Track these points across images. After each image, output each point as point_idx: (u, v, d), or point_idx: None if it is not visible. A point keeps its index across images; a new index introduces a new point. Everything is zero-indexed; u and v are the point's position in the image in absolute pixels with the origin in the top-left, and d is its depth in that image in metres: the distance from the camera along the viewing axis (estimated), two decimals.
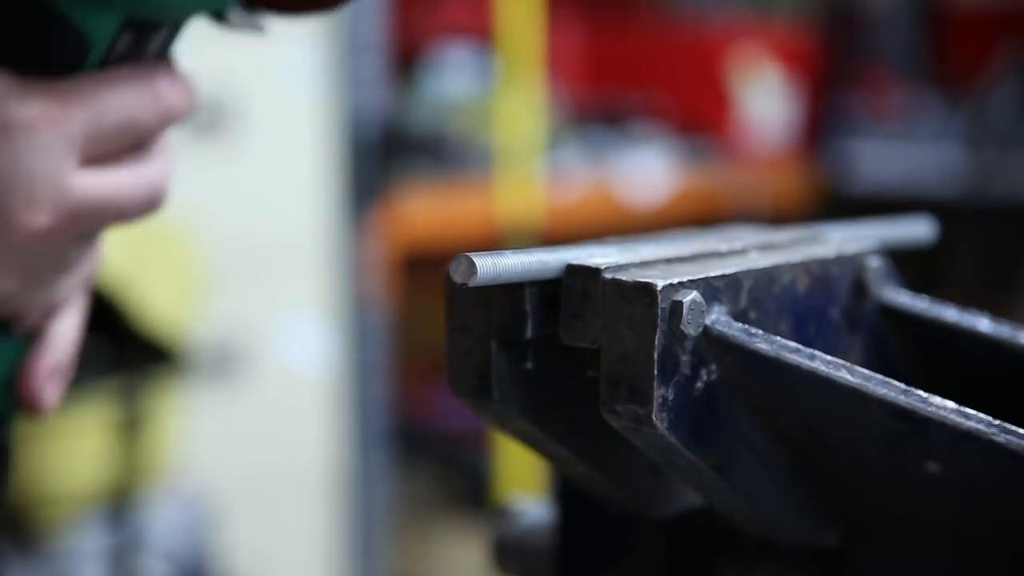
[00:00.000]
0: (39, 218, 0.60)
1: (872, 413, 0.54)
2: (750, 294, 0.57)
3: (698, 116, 3.25)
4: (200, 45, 0.77)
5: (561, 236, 2.61)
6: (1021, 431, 0.52)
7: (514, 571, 0.77)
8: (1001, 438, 0.52)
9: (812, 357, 0.55)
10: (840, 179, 3.43)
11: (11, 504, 1.73)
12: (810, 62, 3.54)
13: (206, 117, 2.11)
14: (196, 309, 1.91)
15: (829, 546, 0.62)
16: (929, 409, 0.53)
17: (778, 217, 2.95)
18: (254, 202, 2.23)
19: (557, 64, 3.07)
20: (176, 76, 0.63)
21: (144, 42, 0.61)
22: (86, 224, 0.62)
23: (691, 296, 0.53)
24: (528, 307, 0.56)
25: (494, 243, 2.59)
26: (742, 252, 0.60)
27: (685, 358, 0.54)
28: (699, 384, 0.55)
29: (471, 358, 0.57)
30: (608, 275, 0.54)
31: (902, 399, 0.53)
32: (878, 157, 3.42)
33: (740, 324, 0.55)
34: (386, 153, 2.49)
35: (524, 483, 2.61)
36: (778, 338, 0.55)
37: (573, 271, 0.55)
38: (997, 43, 3.54)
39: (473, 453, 2.87)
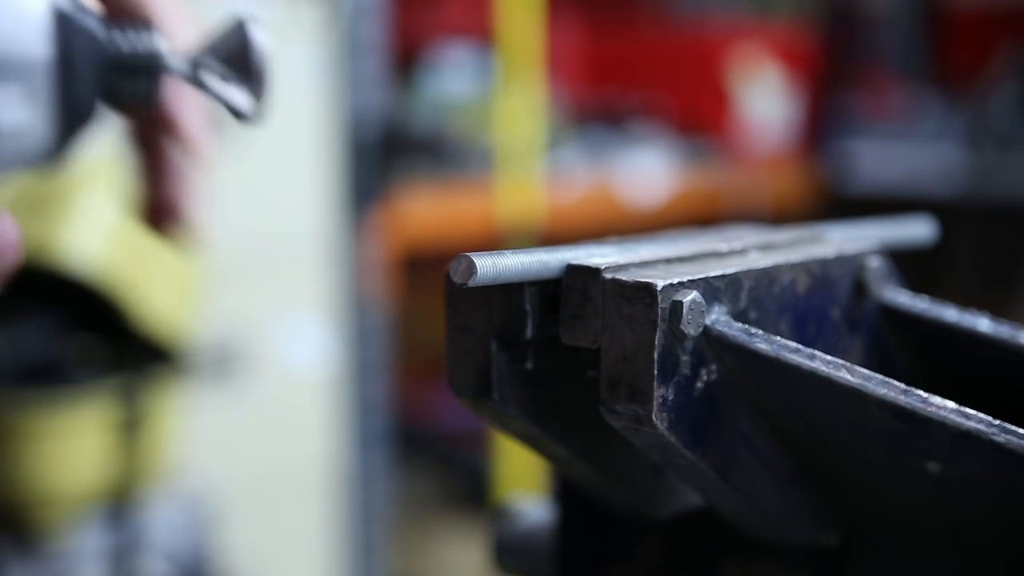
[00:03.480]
0: None
1: (872, 413, 0.54)
2: (750, 294, 0.57)
3: (698, 116, 3.25)
4: None
5: (561, 236, 2.61)
6: (1021, 431, 0.52)
7: (514, 571, 0.76)
8: (1001, 438, 0.52)
9: (812, 357, 0.55)
10: (840, 179, 3.43)
11: (11, 503, 1.73)
12: (810, 62, 3.54)
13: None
14: (196, 309, 1.90)
15: (829, 546, 0.62)
16: (929, 409, 0.53)
17: (778, 217, 2.95)
18: (254, 202, 2.23)
19: (557, 64, 3.07)
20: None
21: None
22: None
23: (691, 296, 0.53)
24: (528, 307, 0.56)
25: (494, 243, 2.59)
26: (742, 252, 0.60)
27: (685, 358, 0.54)
28: (699, 384, 0.55)
29: (471, 358, 0.57)
30: (608, 275, 0.54)
31: (902, 399, 0.53)
32: (878, 157, 3.42)
33: (740, 324, 0.55)
34: (386, 153, 2.49)
35: (524, 483, 2.61)
36: (778, 338, 0.55)
37: (573, 271, 0.55)
38: (997, 43, 3.54)
39: (473, 453, 2.87)
